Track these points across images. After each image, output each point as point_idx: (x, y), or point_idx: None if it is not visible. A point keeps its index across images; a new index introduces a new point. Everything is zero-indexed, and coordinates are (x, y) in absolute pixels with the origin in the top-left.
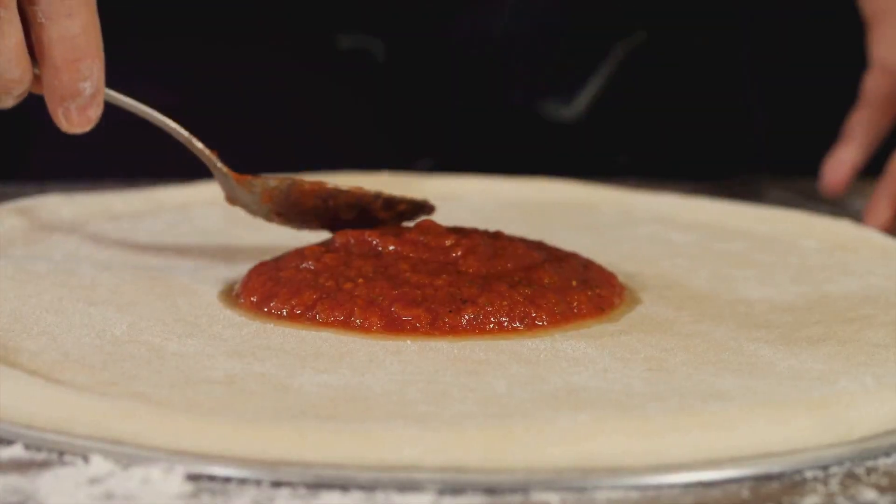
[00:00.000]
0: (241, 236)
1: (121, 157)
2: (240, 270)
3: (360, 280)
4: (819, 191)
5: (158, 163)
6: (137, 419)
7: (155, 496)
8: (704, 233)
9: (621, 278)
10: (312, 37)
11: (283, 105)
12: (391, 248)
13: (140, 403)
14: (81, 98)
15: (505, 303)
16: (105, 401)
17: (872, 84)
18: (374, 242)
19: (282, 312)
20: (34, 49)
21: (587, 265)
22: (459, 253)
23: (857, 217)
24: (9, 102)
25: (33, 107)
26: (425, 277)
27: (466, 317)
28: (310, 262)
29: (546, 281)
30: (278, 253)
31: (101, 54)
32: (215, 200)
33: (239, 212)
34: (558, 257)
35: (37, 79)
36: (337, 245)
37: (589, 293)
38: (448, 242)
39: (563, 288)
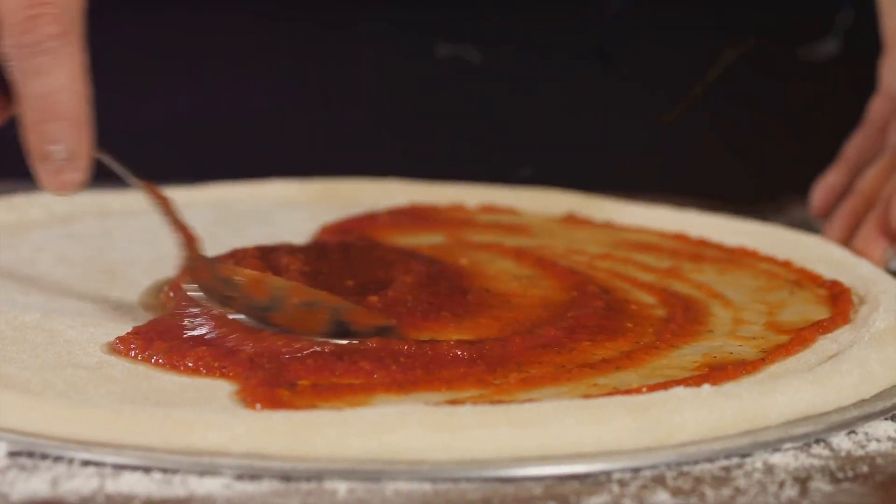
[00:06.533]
0: (225, 238)
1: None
2: None
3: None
4: (808, 213)
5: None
6: None
7: None
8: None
9: None
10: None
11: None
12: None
13: None
14: (51, 162)
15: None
16: None
17: (875, 108)
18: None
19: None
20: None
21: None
22: None
23: None
24: None
25: None
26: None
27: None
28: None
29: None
30: None
31: (82, 117)
32: (211, 203)
33: (230, 215)
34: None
35: None
36: (282, 257)
37: None
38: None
39: None
